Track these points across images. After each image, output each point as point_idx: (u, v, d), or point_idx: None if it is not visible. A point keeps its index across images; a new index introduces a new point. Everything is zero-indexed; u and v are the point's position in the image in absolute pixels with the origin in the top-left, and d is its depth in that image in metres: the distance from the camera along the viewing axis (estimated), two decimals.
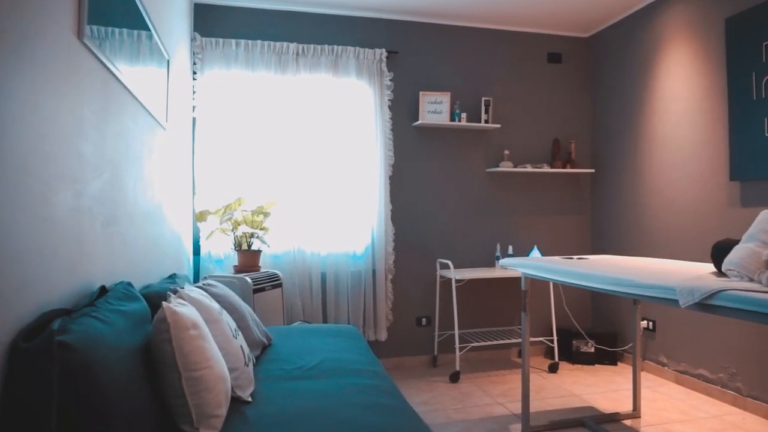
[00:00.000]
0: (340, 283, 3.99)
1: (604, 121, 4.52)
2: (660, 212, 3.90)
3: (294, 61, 3.92)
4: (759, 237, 1.92)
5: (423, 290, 4.27)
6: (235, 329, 1.82)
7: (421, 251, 4.27)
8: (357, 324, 4.00)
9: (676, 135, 3.75)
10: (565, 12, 4.18)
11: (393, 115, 4.19)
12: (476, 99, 4.40)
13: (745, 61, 3.18)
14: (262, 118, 3.87)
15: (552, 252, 4.58)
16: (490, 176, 4.44)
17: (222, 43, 3.77)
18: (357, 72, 4.05)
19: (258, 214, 3.49)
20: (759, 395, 3.15)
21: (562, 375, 3.97)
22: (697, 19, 3.56)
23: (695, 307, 1.80)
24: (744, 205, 3.24)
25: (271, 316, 3.32)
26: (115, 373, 1.15)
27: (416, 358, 4.23)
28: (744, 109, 3.19)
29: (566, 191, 4.63)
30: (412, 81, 4.26)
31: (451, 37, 4.36)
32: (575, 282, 2.40)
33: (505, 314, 4.46)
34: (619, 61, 4.32)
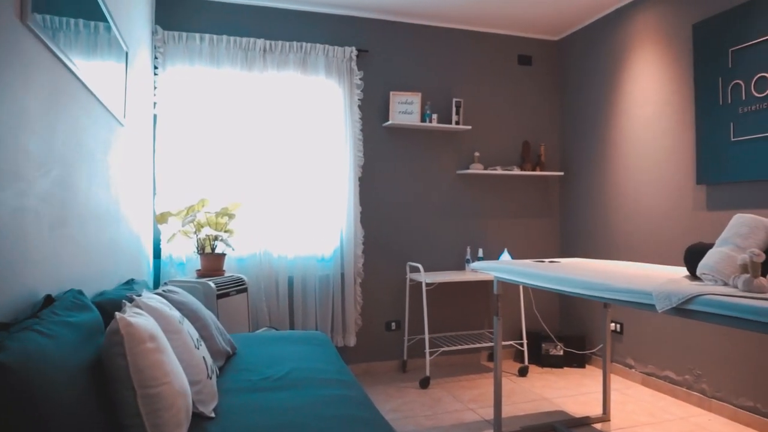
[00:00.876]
0: (308, 288, 3.88)
1: (573, 125, 4.55)
2: (628, 215, 3.94)
3: (261, 57, 3.79)
4: (733, 241, 1.91)
5: (392, 294, 4.20)
6: (197, 339, 1.70)
7: (390, 254, 4.20)
8: (325, 329, 3.89)
9: (643, 139, 3.79)
10: (536, 15, 4.19)
11: (363, 115, 4.10)
12: (447, 100, 4.36)
13: (711, 66, 3.22)
14: (228, 117, 3.73)
15: (522, 255, 4.57)
16: (460, 178, 4.40)
17: (185, 37, 3.62)
18: (326, 70, 3.95)
19: (222, 216, 3.35)
20: (723, 396, 3.19)
21: (532, 378, 3.95)
22: (665, 24, 3.61)
23: (672, 311, 1.78)
24: (710, 208, 3.29)
25: (236, 322, 3.19)
26: (61, 395, 1.03)
27: (385, 363, 4.15)
28: (710, 114, 3.23)
29: (536, 194, 4.64)
30: (382, 80, 4.18)
31: (423, 36, 4.31)
32: (551, 286, 2.36)
33: (475, 317, 4.43)
34: (588, 64, 4.35)
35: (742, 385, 3.08)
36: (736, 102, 3.07)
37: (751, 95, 2.98)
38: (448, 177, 4.37)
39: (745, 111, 3.02)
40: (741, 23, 3.04)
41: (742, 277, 1.72)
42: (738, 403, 3.10)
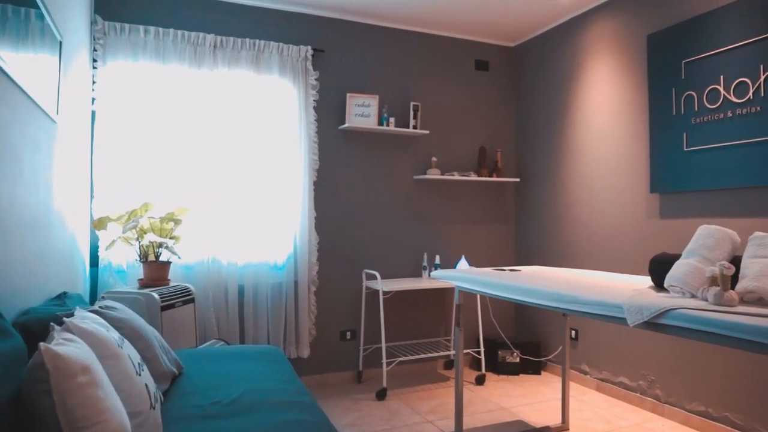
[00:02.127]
0: (260, 297, 3.69)
1: (529, 131, 4.56)
2: (582, 223, 3.96)
3: (211, 53, 3.58)
4: (699, 252, 1.90)
5: (348, 302, 4.06)
6: (138, 363, 1.52)
7: (346, 261, 4.06)
8: (277, 340, 3.71)
9: (598, 147, 3.83)
10: (492, 20, 4.17)
11: (318, 116, 3.96)
12: (405, 103, 4.27)
13: (665, 77, 3.27)
14: (174, 116, 3.49)
15: (478, 261, 4.54)
16: (417, 183, 4.32)
17: (128, 29, 3.37)
18: (280, 69, 3.79)
19: (167, 222, 3.13)
20: (676, 402, 3.23)
21: (489, 387, 3.91)
22: (620, 34, 3.65)
23: (643, 325, 1.74)
24: (663, 217, 3.34)
25: (182, 335, 2.97)
26: None
27: (340, 374, 4.01)
28: (664, 123, 3.28)
29: (492, 200, 4.62)
30: (339, 82, 4.05)
31: (380, 38, 4.20)
32: (518, 298, 2.30)
33: (432, 325, 4.36)
34: (544, 71, 4.37)
35: (694, 391, 3.13)
36: (689, 113, 3.13)
37: (704, 106, 3.04)
38: (405, 182, 4.28)
39: (697, 122, 3.08)
40: (694, 36, 3.10)
41: (712, 289, 1.70)
42: (690, 408, 3.15)
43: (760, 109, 2.77)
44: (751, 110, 2.81)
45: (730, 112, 2.91)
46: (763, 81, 2.75)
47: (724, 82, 2.93)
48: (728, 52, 2.92)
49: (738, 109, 2.87)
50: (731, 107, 2.90)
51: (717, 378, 3.00)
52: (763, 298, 1.68)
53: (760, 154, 2.76)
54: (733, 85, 2.89)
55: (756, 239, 1.81)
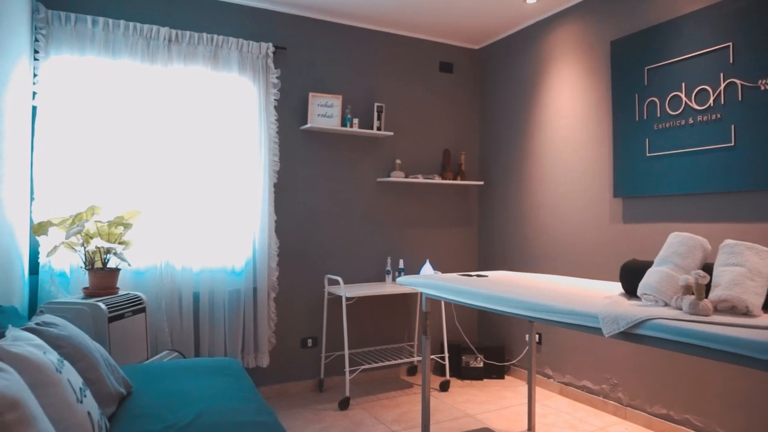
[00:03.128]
0: (216, 304, 3.52)
1: (493, 134, 4.54)
2: (546, 226, 3.96)
3: (165, 48, 3.39)
4: (672, 260, 1.88)
5: (309, 309, 3.93)
6: (81, 388, 1.36)
7: (307, 266, 3.93)
8: (235, 350, 3.55)
9: (562, 151, 3.83)
10: (457, 22, 4.12)
11: (279, 116, 3.81)
12: (368, 104, 4.18)
13: (628, 83, 3.30)
14: (125, 114, 3.28)
15: (442, 265, 4.49)
16: (381, 186, 4.23)
17: (74, 19, 3.14)
18: (240, 66, 3.62)
19: (116, 226, 2.93)
20: (638, 405, 3.26)
21: (454, 393, 3.86)
22: (584, 39, 3.66)
23: (619, 336, 1.70)
24: (626, 221, 3.36)
25: (132, 348, 2.78)
26: None
27: (301, 383, 3.87)
28: (627, 129, 3.31)
29: (456, 203, 4.58)
30: (301, 80, 3.92)
31: (344, 37, 4.09)
32: (487, 306, 2.24)
33: (395, 331, 4.28)
34: (508, 74, 4.35)
35: (656, 393, 3.16)
36: (652, 118, 3.16)
37: (666, 113, 3.07)
38: (369, 184, 4.19)
39: (659, 128, 3.11)
40: (656, 43, 3.13)
41: (687, 298, 1.68)
42: (652, 411, 3.18)
43: (720, 116, 2.81)
44: (712, 117, 2.85)
45: (691, 119, 2.95)
46: (723, 89, 2.79)
47: (686, 89, 2.97)
48: (690, 60, 2.95)
49: (699, 116, 2.91)
50: (692, 114, 2.94)
51: (678, 381, 3.04)
52: (736, 306, 1.66)
53: (720, 161, 2.81)
54: (694, 92, 2.93)
55: (727, 247, 1.81)
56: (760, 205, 2.68)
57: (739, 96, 2.73)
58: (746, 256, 1.73)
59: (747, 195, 2.74)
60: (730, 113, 2.77)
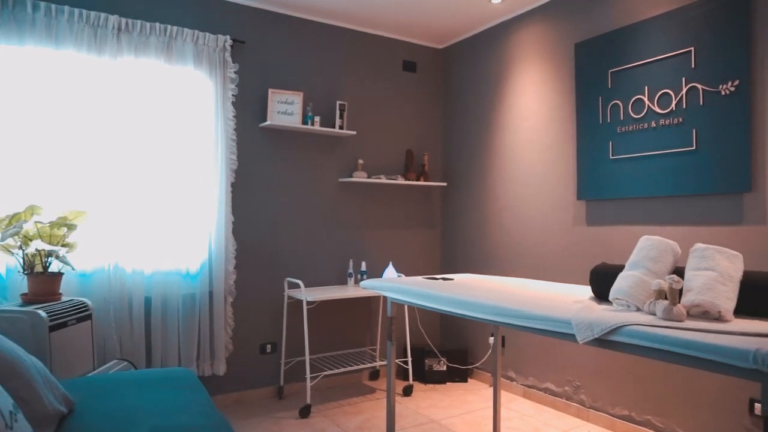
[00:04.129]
0: (170, 309, 3.33)
1: (456, 135, 4.50)
2: (509, 228, 3.95)
3: (114, 38, 3.18)
4: (644, 264, 1.86)
5: (268, 313, 3.79)
6: (11, 411, 1.21)
7: (267, 269, 3.78)
8: (189, 358, 3.37)
9: (526, 153, 3.82)
10: (421, 20, 4.06)
11: (237, 113, 3.65)
12: (331, 102, 4.06)
13: (592, 85, 3.31)
14: (69, 109, 3.06)
15: (405, 268, 4.42)
16: (343, 186, 4.13)
17: (11, 3, 2.90)
18: (195, 60, 3.45)
19: (59, 227, 2.71)
20: (600, 406, 3.27)
21: (417, 398, 3.79)
22: (548, 41, 3.66)
23: (594, 342, 1.66)
24: (589, 224, 3.37)
25: (77, 359, 2.58)
26: None
27: (260, 390, 3.72)
28: (591, 131, 3.32)
29: (419, 205, 4.52)
30: (260, 76, 3.77)
31: (306, 32, 3.97)
32: (455, 311, 2.17)
33: (357, 335, 4.18)
34: (472, 75, 4.32)
35: (617, 395, 3.18)
36: (615, 121, 3.17)
37: (629, 116, 3.09)
38: (330, 185, 4.07)
39: (622, 131, 3.13)
40: (620, 47, 3.15)
41: (661, 303, 1.65)
42: (614, 413, 3.20)
43: (682, 120, 2.84)
44: (674, 121, 2.88)
45: (654, 123, 2.97)
46: (685, 93, 2.83)
47: (649, 92, 2.99)
48: (652, 64, 2.98)
49: (661, 119, 2.93)
50: (655, 118, 2.96)
51: (639, 382, 3.06)
52: (708, 311, 1.65)
53: (682, 165, 2.84)
54: (657, 96, 2.95)
55: (698, 251, 1.79)
56: (721, 208, 2.72)
57: (700, 100, 2.77)
58: (717, 260, 1.72)
59: (708, 198, 2.77)
60: (691, 117, 2.80)
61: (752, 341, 1.34)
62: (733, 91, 2.64)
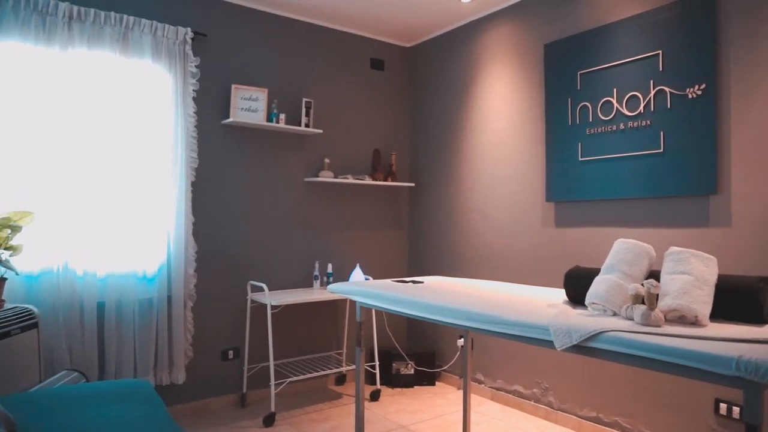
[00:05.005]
0: (125, 315, 3.16)
1: (424, 134, 4.45)
2: (478, 230, 3.92)
3: (65, 27, 2.98)
4: (619, 268, 1.83)
5: (231, 318, 3.64)
6: None
7: (229, 272, 3.64)
8: (147, 366, 3.20)
9: (495, 153, 3.80)
10: (389, 18, 3.99)
11: (199, 109, 3.50)
12: (296, 99, 3.94)
13: (561, 87, 3.30)
14: (14, 103, 2.85)
15: (372, 270, 4.33)
16: (308, 186, 4.01)
17: None
18: (153, 53, 3.27)
19: (2, 229, 2.52)
20: (568, 408, 3.27)
21: (385, 402, 3.71)
22: (518, 41, 3.64)
23: (572, 349, 1.61)
24: (558, 225, 3.36)
25: (21, 371, 2.39)
26: None
27: (221, 398, 3.57)
28: (560, 133, 3.31)
29: (387, 205, 4.44)
30: (223, 71, 3.62)
31: (272, 26, 3.83)
32: (428, 317, 2.10)
33: (322, 339, 4.07)
34: (440, 74, 4.28)
35: (585, 397, 3.18)
36: (584, 123, 3.17)
37: (598, 118, 3.10)
38: (296, 184, 3.95)
39: (591, 132, 3.13)
40: (589, 48, 3.15)
41: (639, 308, 1.62)
42: (582, 414, 3.20)
43: (650, 123, 2.86)
44: (642, 124, 2.89)
45: (622, 125, 2.98)
46: (653, 96, 2.84)
47: (617, 95, 3.00)
48: (621, 66, 2.99)
49: (630, 122, 2.94)
50: (623, 120, 2.97)
51: (607, 384, 3.07)
52: (684, 316, 1.63)
53: (650, 167, 2.85)
54: (625, 98, 2.96)
55: (673, 254, 1.78)
56: (688, 210, 2.74)
57: (668, 103, 2.78)
58: (692, 264, 1.71)
59: (675, 200, 2.79)
60: (659, 120, 2.82)
61: (734, 348, 1.32)
62: (700, 94, 2.67)
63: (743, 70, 2.55)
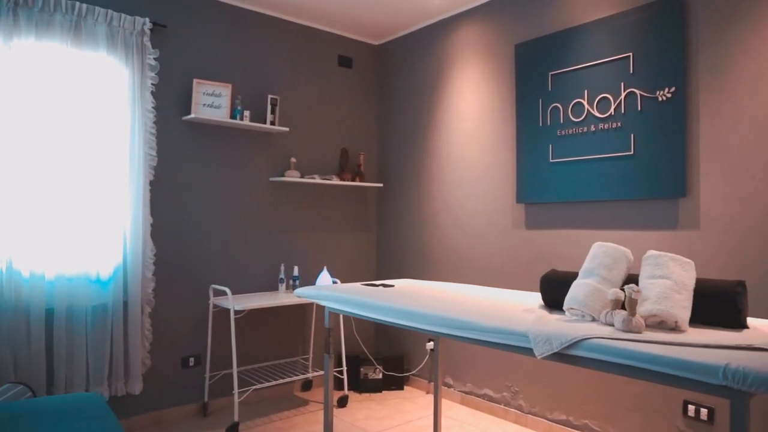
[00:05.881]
0: (76, 322, 2.96)
1: (393, 134, 4.37)
2: (447, 232, 3.86)
3: (10, 14, 2.77)
4: (598, 272, 1.79)
5: (192, 324, 3.48)
6: None
7: (190, 275, 3.47)
8: (100, 377, 3.01)
9: (465, 154, 3.75)
10: (358, 14, 3.90)
11: (158, 104, 3.32)
12: (262, 96, 3.81)
13: (532, 87, 3.27)
14: None
15: (340, 273, 4.23)
16: (274, 186, 3.88)
17: None
18: (109, 44, 3.09)
19: None
20: (538, 412, 3.24)
21: (353, 409, 3.62)
22: (489, 41, 3.60)
23: (553, 357, 1.56)
24: (528, 227, 3.34)
25: None
26: None
27: (182, 408, 3.41)
28: (531, 134, 3.28)
29: (354, 206, 4.34)
30: (184, 65, 3.45)
31: (236, 19, 3.68)
32: (401, 323, 2.01)
33: (288, 344, 3.94)
34: (409, 73, 4.21)
35: (555, 400, 3.16)
36: (555, 124, 3.15)
37: (569, 119, 3.08)
38: (261, 184, 3.81)
39: (562, 134, 3.11)
40: (560, 49, 3.13)
41: (619, 314, 1.58)
42: (552, 418, 3.18)
43: (621, 125, 2.85)
44: (613, 126, 2.89)
45: (593, 127, 2.97)
46: (623, 98, 2.84)
47: (588, 96, 2.99)
48: (592, 68, 2.97)
49: (601, 123, 2.94)
50: (594, 122, 2.96)
51: (576, 387, 3.05)
52: (665, 321, 1.59)
53: (620, 169, 2.85)
54: (596, 100, 2.95)
55: (651, 258, 1.74)
56: (658, 213, 2.75)
57: (638, 106, 2.78)
58: (671, 268, 1.68)
59: (645, 203, 2.80)
60: (630, 122, 2.82)
61: (720, 355, 1.28)
62: (670, 97, 2.67)
63: (712, 74, 2.56)
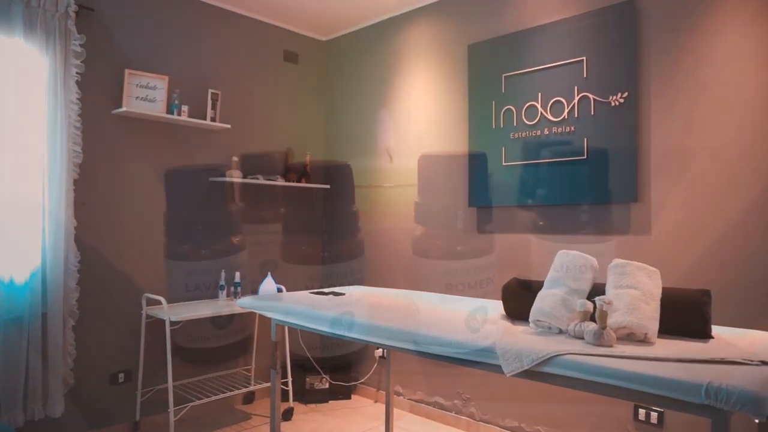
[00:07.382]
0: None
1: (340, 134, 4.22)
2: (397, 235, 3.75)
3: None
4: (564, 282, 1.71)
5: (122, 336, 3.19)
6: None
7: (119, 284, 3.18)
8: (14, 400, 2.67)
9: (416, 156, 3.65)
10: (303, 8, 3.72)
11: (84, 96, 3.01)
12: (202, 90, 3.55)
13: (485, 89, 3.21)
14: None
15: (284, 279, 4.02)
16: (214, 187, 3.63)
17: None
18: (26, 28, 2.76)
19: None
20: (490, 419, 3.19)
21: (298, 422, 3.44)
22: (441, 40, 3.52)
23: (523, 374, 1.46)
24: (480, 231, 3.28)
25: None
26: None
27: (110, 429, 3.11)
28: (484, 136, 3.22)
29: (300, 208, 4.15)
30: (115, 54, 3.16)
31: (175, 6, 3.42)
32: (357, 337, 1.87)
33: (228, 354, 3.70)
34: (357, 71, 4.07)
35: (507, 406, 3.11)
36: (508, 127, 3.10)
37: (522, 122, 3.04)
38: (200, 185, 3.56)
39: (516, 137, 3.07)
40: (514, 51, 3.09)
41: (589, 327, 1.51)
42: (504, 425, 3.13)
43: (574, 129, 2.83)
44: (566, 130, 2.86)
45: (546, 130, 2.94)
46: (577, 102, 2.82)
47: (542, 99, 2.96)
48: (546, 71, 2.94)
49: (554, 127, 2.91)
50: (548, 125, 2.93)
51: (528, 392, 3.01)
52: (634, 333, 1.53)
53: (573, 173, 2.83)
54: (549, 103, 2.92)
55: (617, 267, 1.69)
56: (610, 218, 2.74)
57: (591, 110, 2.77)
58: (638, 278, 1.63)
59: (598, 208, 2.78)
60: (583, 127, 2.80)
61: (702, 372, 1.22)
62: (622, 102, 2.67)
63: (664, 80, 2.58)
